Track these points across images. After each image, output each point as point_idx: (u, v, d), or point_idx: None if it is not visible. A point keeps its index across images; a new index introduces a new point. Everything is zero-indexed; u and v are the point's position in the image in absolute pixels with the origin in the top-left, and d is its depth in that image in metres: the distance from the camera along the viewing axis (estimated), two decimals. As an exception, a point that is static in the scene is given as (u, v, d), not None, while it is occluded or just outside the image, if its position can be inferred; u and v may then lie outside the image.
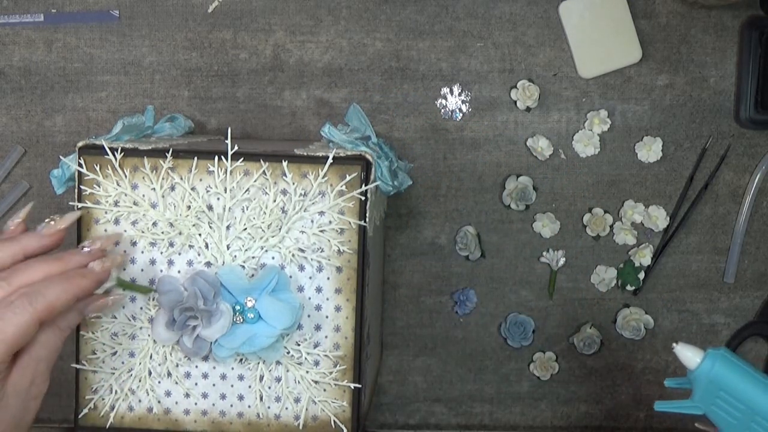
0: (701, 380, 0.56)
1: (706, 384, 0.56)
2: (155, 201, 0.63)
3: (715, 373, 0.56)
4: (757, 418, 0.55)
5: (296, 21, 0.84)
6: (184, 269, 0.63)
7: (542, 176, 0.85)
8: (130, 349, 0.64)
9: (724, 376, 0.55)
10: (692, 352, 0.57)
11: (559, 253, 0.86)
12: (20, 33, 0.84)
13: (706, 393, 0.56)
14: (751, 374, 0.56)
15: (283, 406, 0.64)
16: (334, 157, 0.62)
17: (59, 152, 0.84)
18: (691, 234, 0.86)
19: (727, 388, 0.55)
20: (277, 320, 0.62)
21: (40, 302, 0.55)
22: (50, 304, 0.56)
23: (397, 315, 0.87)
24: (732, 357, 0.56)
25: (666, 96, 0.85)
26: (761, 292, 0.87)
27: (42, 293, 0.56)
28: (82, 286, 0.58)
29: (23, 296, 0.55)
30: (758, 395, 0.55)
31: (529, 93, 0.84)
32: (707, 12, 0.84)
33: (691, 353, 0.57)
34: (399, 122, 0.85)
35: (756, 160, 0.85)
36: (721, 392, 0.56)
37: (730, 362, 0.56)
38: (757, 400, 0.55)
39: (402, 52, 0.84)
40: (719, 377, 0.56)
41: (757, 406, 0.55)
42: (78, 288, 0.58)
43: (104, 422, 0.65)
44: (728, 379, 0.55)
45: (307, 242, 0.63)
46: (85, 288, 0.58)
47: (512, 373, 0.88)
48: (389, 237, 0.86)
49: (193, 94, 0.85)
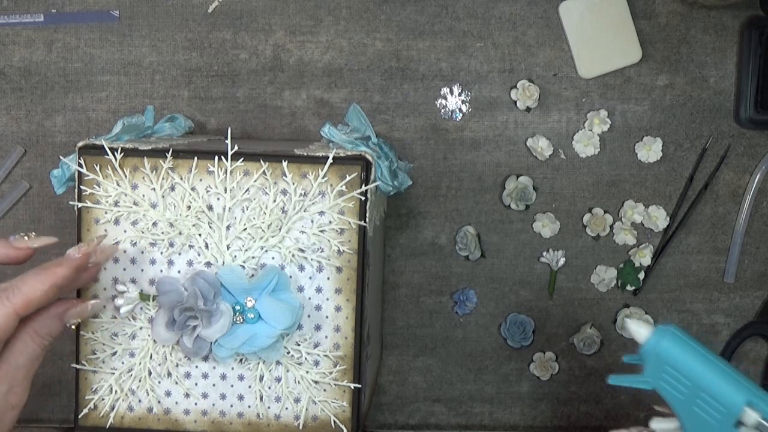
0: (650, 355, 0.57)
1: (655, 359, 0.57)
2: (155, 201, 0.63)
3: (662, 349, 0.57)
4: (701, 394, 0.56)
5: (296, 21, 0.84)
6: (184, 269, 0.63)
7: (542, 176, 0.85)
8: (130, 349, 0.64)
9: (670, 351, 0.56)
10: (642, 328, 0.58)
11: (559, 253, 0.86)
12: (20, 33, 0.84)
13: (655, 368, 0.57)
14: (698, 351, 0.57)
15: (283, 406, 0.64)
16: (334, 157, 0.62)
17: (59, 152, 0.84)
18: (691, 234, 0.86)
19: (674, 364, 0.56)
20: (277, 320, 0.62)
21: (17, 296, 0.55)
22: (26, 296, 0.55)
23: (397, 315, 0.87)
24: (680, 333, 0.57)
25: (666, 96, 0.85)
26: (761, 292, 0.87)
27: (17, 287, 0.55)
28: (59, 274, 0.57)
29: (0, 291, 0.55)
30: (703, 372, 0.56)
31: (529, 93, 0.84)
32: (707, 12, 0.84)
33: (641, 329, 0.58)
34: (399, 122, 0.85)
35: (756, 160, 0.85)
36: (667, 367, 0.57)
37: (678, 338, 0.57)
38: (702, 376, 0.56)
39: (402, 52, 0.84)
40: (666, 353, 0.56)
41: (701, 383, 0.56)
42: (55, 277, 0.57)
43: (104, 422, 0.65)
44: (675, 355, 0.56)
45: (307, 242, 0.63)
46: (63, 276, 0.57)
47: (512, 373, 0.88)
48: (389, 237, 0.86)
49: (193, 94, 0.85)
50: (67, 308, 0.60)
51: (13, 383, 0.57)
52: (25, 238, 0.60)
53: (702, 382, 0.56)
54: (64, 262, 0.58)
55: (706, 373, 0.56)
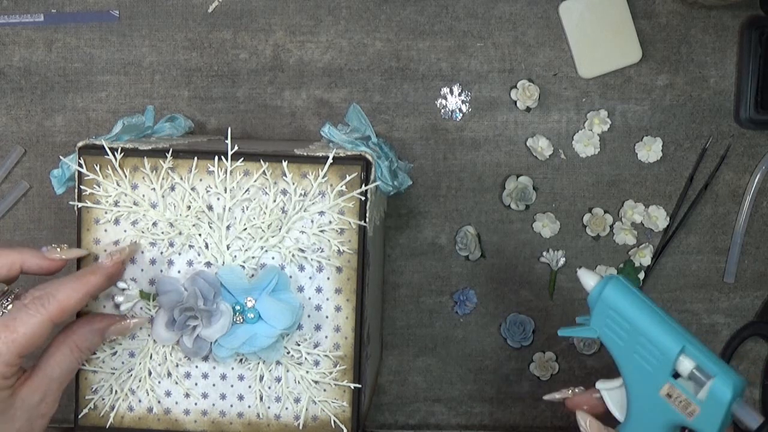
0: (595, 302, 0.60)
1: (599, 306, 0.60)
2: (155, 201, 0.63)
3: (606, 294, 0.59)
4: (640, 338, 0.58)
5: (296, 21, 0.84)
6: (184, 269, 0.63)
7: (542, 176, 0.85)
8: (130, 349, 0.64)
9: (613, 296, 0.59)
10: (590, 277, 0.61)
11: (559, 253, 0.86)
12: (20, 33, 0.84)
13: (599, 315, 0.60)
14: (639, 297, 0.59)
15: (283, 406, 0.64)
16: (334, 157, 0.62)
17: (59, 152, 0.84)
18: (691, 234, 0.86)
19: (615, 307, 0.59)
20: (277, 320, 0.62)
21: (52, 303, 0.56)
22: (61, 303, 0.56)
23: (397, 315, 0.87)
24: (625, 282, 0.60)
25: (666, 96, 0.85)
26: (761, 292, 0.87)
27: (53, 294, 0.56)
28: (93, 282, 0.58)
29: (35, 299, 0.56)
30: (642, 316, 0.58)
31: (529, 93, 0.84)
32: (707, 12, 0.84)
33: (590, 277, 0.61)
34: (399, 122, 0.85)
35: (756, 160, 0.85)
36: (610, 311, 0.59)
37: (622, 285, 0.59)
38: (641, 320, 0.58)
39: (402, 52, 0.84)
40: (609, 297, 0.59)
41: (640, 327, 0.58)
42: (88, 285, 0.58)
43: (104, 422, 0.65)
44: (617, 299, 0.59)
45: (307, 242, 0.63)
46: (96, 284, 0.59)
47: (512, 373, 0.88)
48: (389, 237, 0.86)
49: (193, 94, 0.85)
50: (110, 324, 0.61)
51: (47, 394, 0.58)
52: (57, 250, 0.61)
53: (641, 326, 0.58)
54: (97, 271, 0.59)
55: (645, 318, 0.58)
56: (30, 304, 0.56)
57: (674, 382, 0.57)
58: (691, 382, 0.57)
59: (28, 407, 0.57)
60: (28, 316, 0.55)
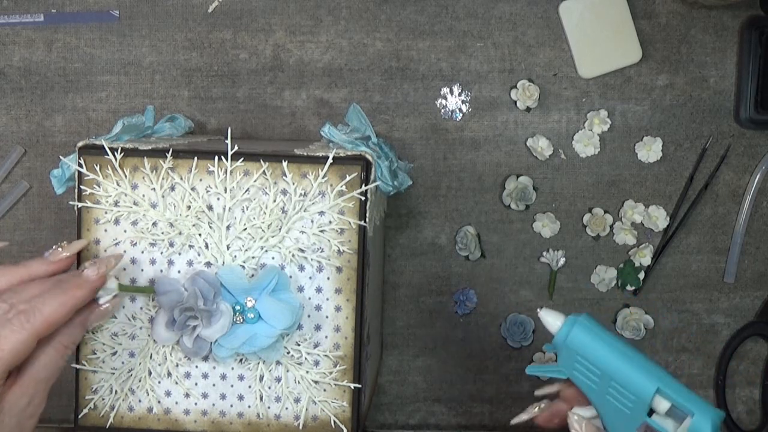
0: (561, 345, 0.58)
1: (566, 349, 0.57)
2: (155, 201, 0.63)
3: (572, 338, 0.57)
4: (612, 383, 0.56)
5: (296, 21, 0.84)
6: (184, 269, 0.63)
7: (542, 176, 0.85)
8: (130, 349, 0.64)
9: (580, 341, 0.57)
10: (554, 318, 0.58)
11: (559, 253, 0.86)
12: (20, 33, 0.84)
13: (567, 358, 0.57)
14: (606, 341, 0.57)
15: (283, 406, 0.64)
16: (334, 157, 0.62)
17: (59, 152, 0.84)
18: (691, 234, 0.86)
19: (583, 353, 0.57)
20: (277, 320, 0.62)
21: (38, 318, 0.55)
22: (47, 319, 0.55)
23: (397, 315, 0.87)
24: (589, 323, 0.57)
25: (666, 96, 0.85)
26: (761, 292, 0.87)
27: (38, 309, 0.55)
28: (78, 296, 0.58)
29: (20, 313, 0.55)
30: (612, 361, 0.56)
31: (529, 93, 0.84)
32: (707, 12, 0.84)
33: (553, 318, 0.58)
34: (399, 122, 0.85)
35: (756, 160, 0.85)
36: (578, 357, 0.57)
37: (587, 328, 0.57)
38: (611, 365, 0.56)
39: (402, 52, 0.84)
40: (575, 342, 0.57)
41: (610, 372, 0.56)
42: (75, 299, 0.57)
43: (104, 422, 0.65)
44: (584, 344, 0.57)
45: (307, 242, 0.63)
46: (82, 298, 0.58)
47: (512, 373, 0.88)
48: (389, 237, 0.86)
49: (193, 94, 0.85)
50: (90, 313, 0.60)
51: (35, 395, 0.57)
52: (59, 250, 0.60)
53: (611, 371, 0.56)
54: (84, 285, 0.58)
55: (614, 362, 0.56)
56: (15, 320, 0.54)
57: (651, 421, 0.55)
58: (670, 420, 0.55)
59: (17, 411, 0.57)
60: (13, 333, 0.54)
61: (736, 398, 0.87)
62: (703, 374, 0.87)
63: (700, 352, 0.87)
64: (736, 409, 0.87)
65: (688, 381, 0.87)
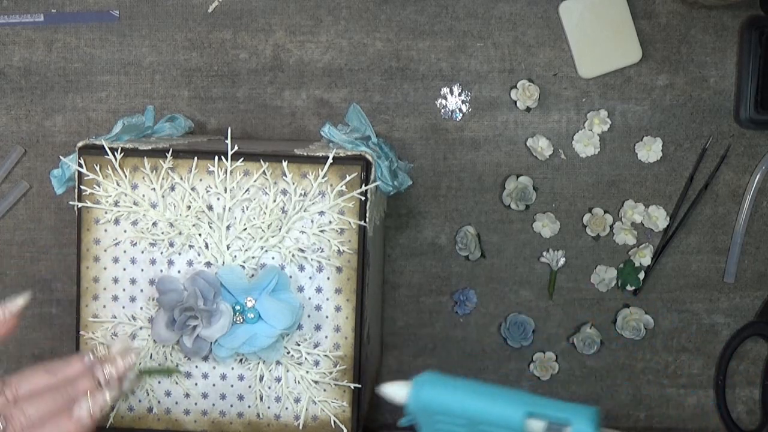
0: (416, 411, 0.55)
1: (422, 413, 0.55)
2: (155, 201, 0.63)
3: (423, 400, 0.55)
4: (481, 426, 0.54)
5: (296, 21, 0.84)
6: (184, 269, 0.63)
7: (542, 176, 0.85)
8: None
9: (432, 399, 0.54)
10: (397, 388, 0.55)
11: (559, 253, 0.86)
12: (20, 33, 0.84)
13: (427, 421, 0.55)
14: (459, 387, 0.55)
15: (283, 406, 0.64)
16: (334, 157, 0.62)
17: (59, 152, 0.84)
18: (691, 234, 0.86)
19: (441, 409, 0.54)
20: (277, 320, 0.62)
21: None
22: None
23: (397, 315, 0.87)
24: (434, 377, 0.55)
25: (666, 96, 0.85)
26: (761, 292, 0.87)
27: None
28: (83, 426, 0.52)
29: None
30: (471, 405, 0.54)
31: (529, 93, 0.84)
32: (707, 12, 0.84)
33: (396, 389, 0.55)
34: (399, 122, 0.85)
35: (756, 160, 0.85)
36: (437, 416, 0.55)
37: (434, 383, 0.55)
38: (472, 409, 0.54)
39: (402, 52, 0.84)
40: (429, 402, 0.54)
41: (475, 416, 0.54)
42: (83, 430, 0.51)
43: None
44: (437, 400, 0.54)
45: (307, 242, 0.63)
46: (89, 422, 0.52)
47: (512, 373, 0.88)
48: (389, 237, 0.86)
49: (193, 94, 0.85)
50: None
51: None
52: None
53: (475, 415, 0.54)
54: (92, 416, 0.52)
55: (474, 405, 0.54)
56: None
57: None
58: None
59: None
60: None
61: (736, 398, 0.87)
62: (703, 374, 0.87)
63: (700, 352, 0.87)
64: (736, 409, 0.87)
65: (688, 381, 0.87)
